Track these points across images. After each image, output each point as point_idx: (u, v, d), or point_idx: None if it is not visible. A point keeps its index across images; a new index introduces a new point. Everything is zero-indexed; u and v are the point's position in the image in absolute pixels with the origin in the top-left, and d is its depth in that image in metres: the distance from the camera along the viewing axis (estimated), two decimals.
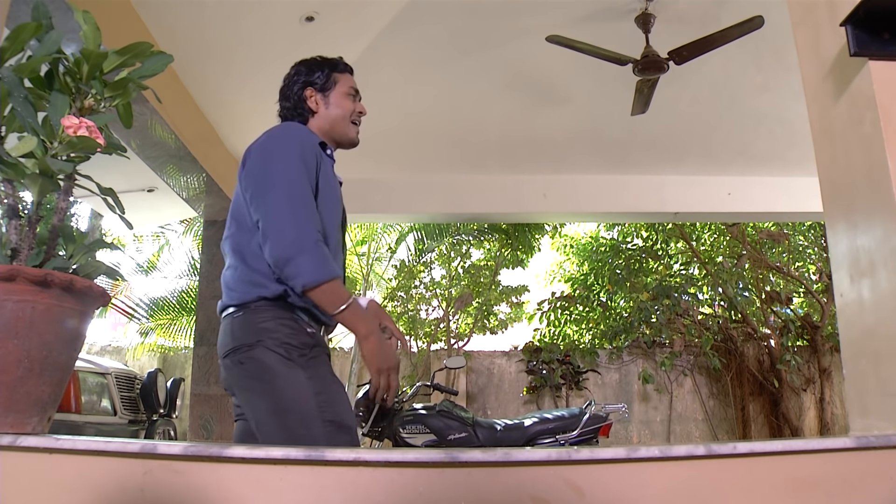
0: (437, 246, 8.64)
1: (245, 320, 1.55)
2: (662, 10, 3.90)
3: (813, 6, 1.59)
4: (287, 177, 1.55)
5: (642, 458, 1.02)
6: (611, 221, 8.87)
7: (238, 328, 1.56)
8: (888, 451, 1.09)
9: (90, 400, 4.27)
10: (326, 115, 1.78)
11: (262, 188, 1.56)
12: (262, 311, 1.54)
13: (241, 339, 1.54)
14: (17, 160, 1.14)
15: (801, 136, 2.14)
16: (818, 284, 8.13)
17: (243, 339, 1.53)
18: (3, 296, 1.08)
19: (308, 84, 1.78)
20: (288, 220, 1.50)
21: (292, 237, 1.48)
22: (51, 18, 1.20)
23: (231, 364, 1.56)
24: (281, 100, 1.83)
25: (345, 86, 1.81)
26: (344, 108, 1.79)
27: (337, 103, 1.79)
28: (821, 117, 1.58)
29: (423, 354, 8.01)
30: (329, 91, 1.78)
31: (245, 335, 1.53)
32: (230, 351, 1.56)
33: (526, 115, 5.06)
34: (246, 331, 1.54)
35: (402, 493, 0.97)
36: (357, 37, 4.03)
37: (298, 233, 1.48)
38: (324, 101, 1.78)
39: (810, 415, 7.65)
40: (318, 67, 1.80)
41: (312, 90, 1.78)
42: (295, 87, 1.79)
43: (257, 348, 1.51)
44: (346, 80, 1.82)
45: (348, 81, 1.82)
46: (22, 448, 1.01)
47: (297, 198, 1.53)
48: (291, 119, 1.80)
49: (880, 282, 1.37)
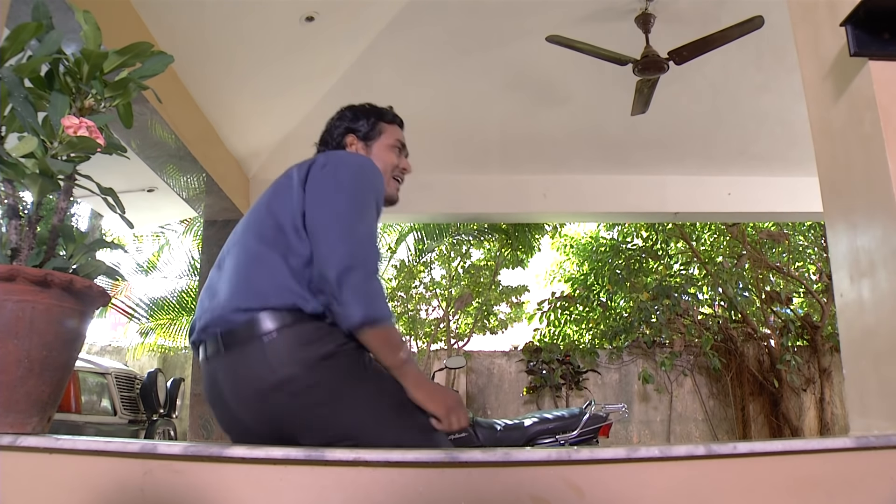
0: (437, 246, 8.64)
1: (288, 343, 1.27)
2: (662, 10, 3.90)
3: (813, 6, 1.59)
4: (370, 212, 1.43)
5: (642, 458, 1.02)
6: (611, 221, 8.87)
7: (281, 353, 1.27)
8: (888, 451, 1.09)
9: (90, 400, 4.27)
10: None
11: (351, 206, 1.38)
12: (305, 325, 1.29)
13: (291, 367, 1.27)
14: (17, 160, 1.14)
15: (802, 136, 2.14)
16: (818, 284, 8.13)
17: (294, 369, 1.27)
18: (3, 296, 1.08)
19: (351, 131, 1.65)
20: (364, 239, 1.36)
21: (363, 254, 1.32)
22: (51, 18, 1.20)
23: (281, 398, 1.28)
24: (320, 144, 1.69)
25: (391, 138, 1.68)
26: (386, 161, 1.64)
27: (379, 155, 1.64)
28: (821, 117, 1.58)
29: (423, 354, 8.01)
30: (372, 141, 1.65)
31: (294, 361, 1.27)
32: (275, 386, 1.27)
33: (526, 115, 5.06)
34: (295, 355, 1.27)
35: (402, 493, 0.97)
36: (357, 37, 4.03)
37: (370, 253, 1.34)
38: (365, 150, 1.64)
39: (810, 415, 7.65)
40: (363, 114, 1.67)
41: (354, 137, 1.65)
42: (336, 132, 1.66)
43: (319, 368, 1.28)
44: (392, 131, 1.69)
45: (395, 133, 1.69)
46: (22, 448, 1.01)
47: (374, 231, 1.42)
48: None
49: (880, 282, 1.37)
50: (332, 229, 1.33)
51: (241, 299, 1.32)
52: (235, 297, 1.33)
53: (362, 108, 1.69)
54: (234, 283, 1.36)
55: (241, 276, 1.36)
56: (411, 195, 7.03)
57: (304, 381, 1.27)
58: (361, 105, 1.71)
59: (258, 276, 1.34)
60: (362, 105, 1.71)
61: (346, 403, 1.30)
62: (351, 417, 1.30)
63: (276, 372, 1.26)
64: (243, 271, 1.36)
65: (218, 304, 1.35)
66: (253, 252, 1.38)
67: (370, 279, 1.31)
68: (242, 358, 1.29)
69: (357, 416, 1.31)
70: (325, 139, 1.67)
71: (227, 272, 1.40)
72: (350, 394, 1.31)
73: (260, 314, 1.29)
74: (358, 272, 1.29)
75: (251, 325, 1.28)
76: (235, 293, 1.33)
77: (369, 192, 1.44)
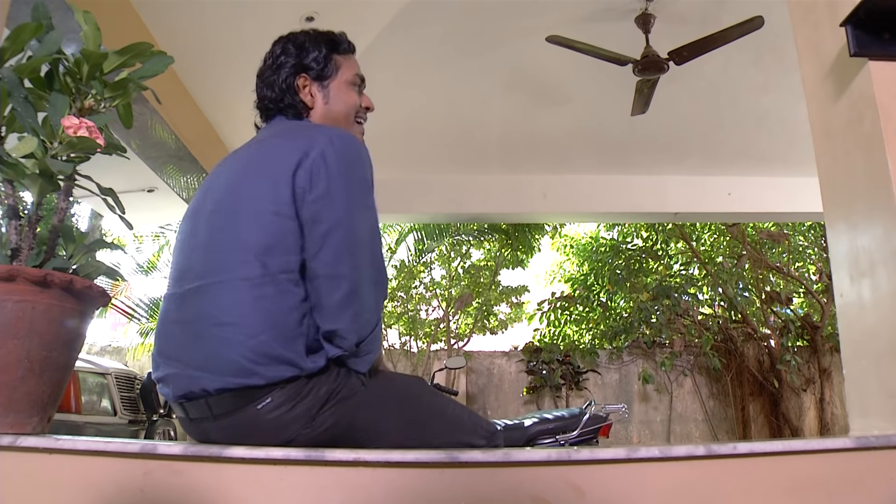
0: (437, 246, 8.64)
1: (283, 412, 1.13)
2: (662, 11, 3.90)
3: (813, 6, 1.59)
4: (374, 230, 1.24)
5: (642, 459, 1.02)
6: (611, 221, 8.88)
7: (271, 419, 1.14)
8: (888, 451, 1.09)
9: (90, 400, 4.28)
10: (327, 113, 1.37)
11: (353, 239, 1.18)
12: (302, 388, 1.15)
13: (290, 426, 1.15)
14: (17, 160, 1.14)
15: (802, 137, 2.14)
16: (818, 284, 8.13)
17: (297, 427, 1.16)
18: (3, 296, 1.08)
19: (302, 70, 1.35)
20: (373, 292, 1.21)
21: (376, 314, 1.21)
22: (51, 18, 1.20)
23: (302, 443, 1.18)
24: (260, 87, 1.38)
25: (348, 72, 1.39)
26: (348, 102, 1.38)
27: (339, 96, 1.37)
28: (821, 117, 1.58)
29: (423, 354, 8.00)
30: (329, 80, 1.37)
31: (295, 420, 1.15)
32: (286, 443, 1.16)
33: (526, 115, 5.07)
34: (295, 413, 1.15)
35: (402, 493, 0.97)
36: (357, 37, 4.01)
37: (378, 308, 1.22)
38: (322, 93, 1.36)
39: (810, 415, 7.65)
40: (313, 46, 1.36)
41: (307, 78, 1.35)
42: (283, 73, 1.35)
43: (323, 415, 1.16)
44: (349, 64, 1.40)
45: (352, 67, 1.40)
46: (22, 448, 1.01)
47: (380, 259, 1.24)
48: (275, 115, 1.38)
49: (880, 282, 1.37)
50: (348, 285, 1.16)
51: (220, 379, 1.14)
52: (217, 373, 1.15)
53: (309, 36, 1.38)
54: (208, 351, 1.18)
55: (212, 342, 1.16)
56: (411, 195, 7.03)
57: (311, 434, 1.17)
58: (305, 32, 1.39)
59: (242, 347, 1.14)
60: (306, 32, 1.39)
61: (361, 431, 1.22)
62: (378, 441, 1.23)
63: (278, 436, 1.15)
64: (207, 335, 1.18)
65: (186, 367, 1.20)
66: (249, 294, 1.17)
67: (377, 330, 1.22)
68: (237, 426, 1.16)
69: (378, 435, 1.23)
70: (269, 79, 1.36)
71: None
72: (360, 422, 1.22)
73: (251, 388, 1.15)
74: (372, 327, 1.20)
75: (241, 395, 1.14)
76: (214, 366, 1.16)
77: (374, 213, 1.26)
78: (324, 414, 1.16)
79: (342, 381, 1.20)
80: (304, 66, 1.35)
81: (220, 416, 1.15)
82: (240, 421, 1.14)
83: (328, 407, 1.17)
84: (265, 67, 1.39)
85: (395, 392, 1.30)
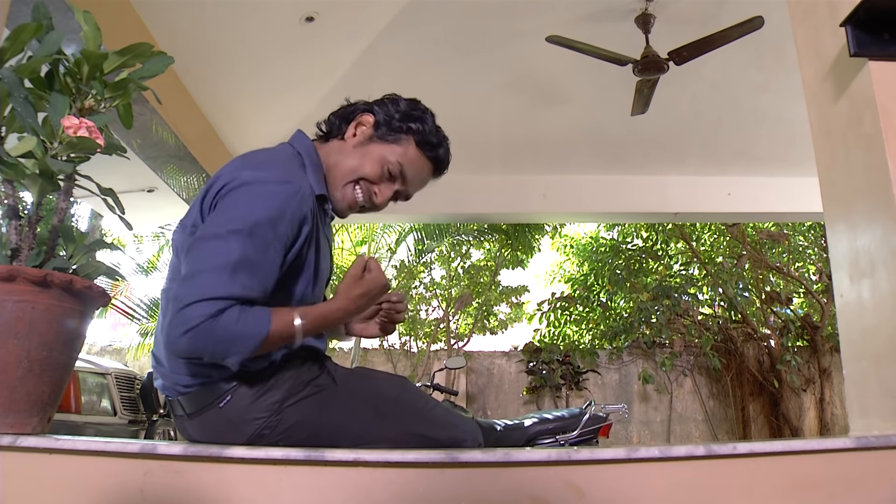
0: (437, 246, 8.64)
1: (244, 407, 1.20)
2: (662, 11, 3.90)
3: (813, 6, 1.59)
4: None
5: (642, 459, 1.02)
6: (611, 222, 8.88)
7: (234, 416, 1.20)
8: (888, 451, 1.09)
9: (90, 400, 4.28)
10: (346, 154, 1.33)
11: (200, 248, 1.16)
12: (264, 384, 1.20)
13: (257, 422, 1.20)
14: (17, 160, 1.14)
15: (802, 137, 2.13)
16: (818, 284, 8.14)
17: (259, 423, 1.20)
18: (3, 296, 1.08)
19: (372, 113, 1.34)
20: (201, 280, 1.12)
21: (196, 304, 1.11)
22: (51, 19, 1.20)
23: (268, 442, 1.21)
24: (332, 114, 1.40)
25: (396, 156, 1.32)
26: (362, 167, 1.31)
27: (367, 158, 1.31)
28: (821, 117, 1.58)
29: (423, 354, 8.01)
30: (380, 140, 1.32)
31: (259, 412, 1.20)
32: (252, 440, 1.21)
33: (526, 115, 5.06)
34: (258, 408, 1.20)
35: (402, 493, 0.97)
36: (357, 37, 4.03)
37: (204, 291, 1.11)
38: (362, 139, 1.32)
39: (810, 415, 7.65)
40: (406, 115, 1.33)
41: (372, 119, 1.33)
42: (360, 105, 1.37)
43: (286, 411, 1.21)
44: (409, 152, 1.33)
45: (408, 158, 1.33)
46: (22, 448, 1.01)
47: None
48: (311, 136, 1.38)
49: (880, 282, 1.37)
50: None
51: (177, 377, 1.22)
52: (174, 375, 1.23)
53: (408, 104, 1.36)
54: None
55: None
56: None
57: (279, 429, 1.20)
58: (411, 100, 1.37)
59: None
60: (412, 100, 1.37)
61: (332, 429, 1.24)
62: (344, 439, 1.25)
63: (244, 431, 1.19)
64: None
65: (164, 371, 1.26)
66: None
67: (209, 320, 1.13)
68: (207, 424, 1.22)
69: (350, 434, 1.25)
70: (345, 108, 1.38)
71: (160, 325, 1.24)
72: (330, 419, 1.24)
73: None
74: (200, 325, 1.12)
75: (203, 393, 1.21)
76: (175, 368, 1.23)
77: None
78: (288, 409, 1.21)
79: (309, 376, 1.25)
80: (378, 113, 1.34)
81: (192, 415, 1.23)
82: (209, 419, 1.21)
83: (292, 401, 1.21)
84: (350, 102, 1.41)
85: (368, 390, 1.32)
